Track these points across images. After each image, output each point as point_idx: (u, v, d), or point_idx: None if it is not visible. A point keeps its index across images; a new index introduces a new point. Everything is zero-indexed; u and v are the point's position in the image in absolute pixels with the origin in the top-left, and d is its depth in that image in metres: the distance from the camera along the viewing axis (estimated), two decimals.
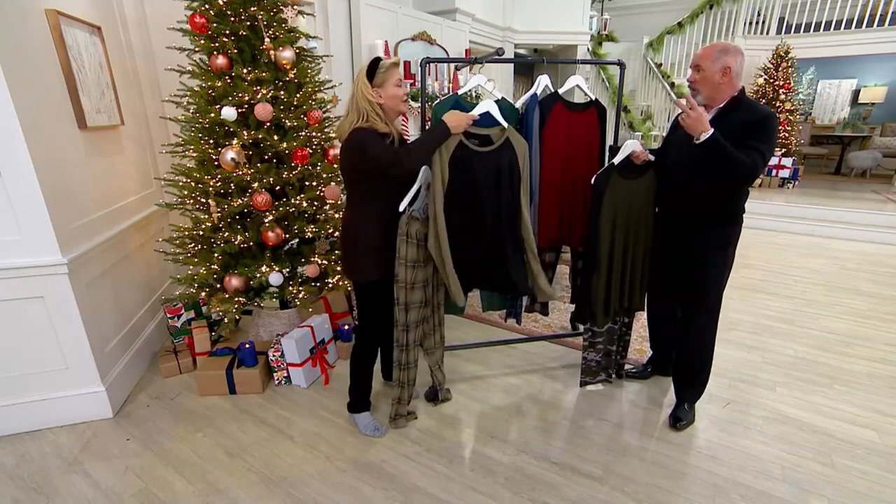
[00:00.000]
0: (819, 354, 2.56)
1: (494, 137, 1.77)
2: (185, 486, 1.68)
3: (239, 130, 2.09)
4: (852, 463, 1.78)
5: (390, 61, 1.63)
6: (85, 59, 2.05)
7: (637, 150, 1.86)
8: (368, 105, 1.60)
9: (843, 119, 8.89)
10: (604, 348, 2.17)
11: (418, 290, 1.79)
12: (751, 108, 1.69)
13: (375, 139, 1.58)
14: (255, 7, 2.08)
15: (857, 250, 4.53)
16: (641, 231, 1.98)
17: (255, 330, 2.59)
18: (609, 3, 8.36)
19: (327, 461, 1.79)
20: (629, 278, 2.04)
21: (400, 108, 1.68)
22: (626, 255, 2.00)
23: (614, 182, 1.88)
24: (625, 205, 1.92)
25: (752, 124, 1.65)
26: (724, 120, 1.69)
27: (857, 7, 6.32)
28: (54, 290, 1.81)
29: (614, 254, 1.96)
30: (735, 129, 1.63)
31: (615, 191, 1.89)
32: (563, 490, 1.65)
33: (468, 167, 1.72)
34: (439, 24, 4.76)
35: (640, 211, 1.95)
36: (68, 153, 1.92)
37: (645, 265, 2.05)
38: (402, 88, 1.65)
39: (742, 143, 1.61)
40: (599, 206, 1.90)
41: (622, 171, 1.89)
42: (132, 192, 2.47)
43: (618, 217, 1.92)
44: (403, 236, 1.70)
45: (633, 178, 1.91)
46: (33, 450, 1.85)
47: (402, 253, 1.71)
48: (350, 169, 1.65)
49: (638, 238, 1.99)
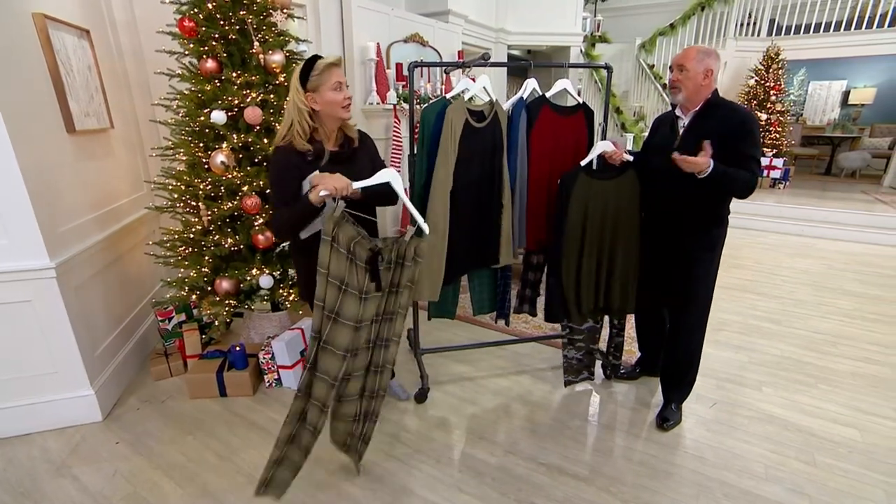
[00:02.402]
0: (805, 354, 2.60)
1: (486, 112, 1.92)
2: (175, 489, 1.68)
3: (229, 134, 2.10)
4: (834, 461, 1.81)
5: (326, 61, 1.43)
6: (73, 63, 2.05)
7: (608, 150, 1.87)
8: (297, 113, 1.43)
9: (834, 120, 8.98)
10: (585, 346, 2.19)
11: (345, 331, 1.33)
12: (729, 110, 1.73)
13: (283, 171, 1.45)
14: (244, 11, 2.08)
15: (845, 250, 4.58)
16: (622, 231, 1.98)
17: (246, 332, 2.60)
18: (602, 5, 8.40)
19: (317, 464, 1.80)
20: (605, 278, 2.04)
21: (339, 115, 1.49)
22: (602, 254, 2.00)
23: (583, 182, 1.91)
24: (598, 204, 1.94)
25: (737, 128, 1.68)
26: (703, 122, 1.74)
27: (847, 9, 6.39)
28: (42, 295, 1.81)
29: (585, 253, 1.98)
30: (715, 131, 1.67)
31: (585, 192, 1.92)
32: (550, 490, 1.67)
33: (471, 144, 1.86)
34: (431, 25, 4.76)
35: (620, 210, 1.95)
36: (56, 157, 1.92)
37: (629, 266, 2.03)
38: (341, 93, 1.45)
39: (735, 151, 1.64)
40: (565, 207, 1.92)
41: (593, 172, 1.93)
42: (122, 195, 2.47)
43: (590, 217, 1.94)
44: (328, 237, 1.29)
45: (608, 179, 1.93)
46: (21, 454, 1.84)
47: (325, 260, 1.30)
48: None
49: (616, 237, 1.98)
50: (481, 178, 1.99)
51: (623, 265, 2.03)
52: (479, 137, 1.93)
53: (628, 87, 7.12)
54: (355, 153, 1.58)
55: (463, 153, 1.88)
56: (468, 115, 1.87)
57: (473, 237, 2.05)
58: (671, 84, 1.78)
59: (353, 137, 1.58)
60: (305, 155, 1.46)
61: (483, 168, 1.98)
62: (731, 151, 1.65)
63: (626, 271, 2.04)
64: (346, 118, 1.51)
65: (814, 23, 6.45)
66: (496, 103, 1.97)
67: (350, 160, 1.55)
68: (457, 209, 1.94)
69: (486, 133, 1.95)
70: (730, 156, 1.64)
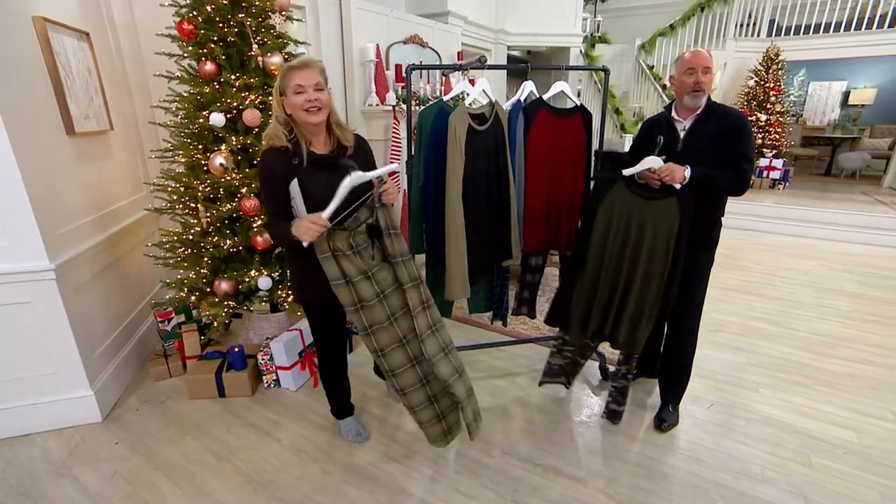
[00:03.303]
0: (803, 356, 2.60)
1: (487, 114, 1.93)
2: (173, 490, 1.69)
3: (227, 136, 2.11)
4: (830, 463, 1.81)
5: (289, 63, 1.42)
6: (73, 65, 2.06)
7: (655, 167, 1.68)
8: (274, 117, 1.45)
9: (834, 121, 8.98)
10: (572, 357, 2.09)
11: (376, 308, 1.51)
12: (724, 112, 1.76)
13: (268, 175, 1.45)
14: (243, 14, 2.09)
15: (845, 251, 4.58)
16: (646, 261, 1.74)
17: (245, 333, 2.61)
18: (602, 5, 8.40)
19: (314, 464, 1.81)
20: (617, 305, 1.82)
21: (307, 120, 1.42)
22: (619, 276, 1.80)
23: (618, 191, 1.78)
24: (624, 217, 1.77)
25: (734, 129, 1.72)
26: (704, 124, 1.76)
27: (847, 10, 6.39)
28: (42, 296, 1.82)
29: (604, 267, 1.83)
30: (714, 132, 1.72)
31: (618, 199, 1.78)
32: (546, 491, 1.68)
33: (476, 148, 1.87)
34: (431, 26, 4.77)
35: (649, 239, 1.73)
36: (56, 159, 1.93)
37: (644, 303, 1.76)
38: (302, 96, 1.39)
39: (731, 150, 1.70)
40: (595, 207, 1.81)
41: (634, 184, 1.77)
42: (122, 196, 2.48)
43: (613, 228, 1.79)
44: (327, 253, 1.42)
45: (647, 199, 1.74)
46: (21, 454, 1.86)
47: (335, 273, 1.44)
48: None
49: (636, 266, 1.76)
50: (489, 179, 2.00)
51: (638, 299, 1.78)
52: (483, 140, 1.94)
53: (628, 87, 7.12)
54: (347, 160, 1.51)
55: (469, 157, 1.89)
56: (470, 119, 1.89)
57: (490, 237, 2.08)
58: (696, 87, 1.70)
59: (347, 144, 1.54)
60: (290, 158, 1.44)
61: (489, 168, 1.99)
62: (728, 150, 1.71)
63: (640, 308, 1.78)
64: (312, 122, 1.43)
65: (814, 23, 6.45)
66: (496, 104, 1.98)
67: (336, 165, 1.48)
68: (471, 210, 1.92)
69: (489, 135, 1.96)
70: (727, 155, 1.70)
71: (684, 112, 1.80)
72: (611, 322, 1.85)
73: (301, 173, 1.45)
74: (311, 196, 1.45)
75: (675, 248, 1.71)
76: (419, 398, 1.61)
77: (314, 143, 1.51)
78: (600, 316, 1.88)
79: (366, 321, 1.50)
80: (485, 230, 2.02)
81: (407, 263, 1.55)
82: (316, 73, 1.41)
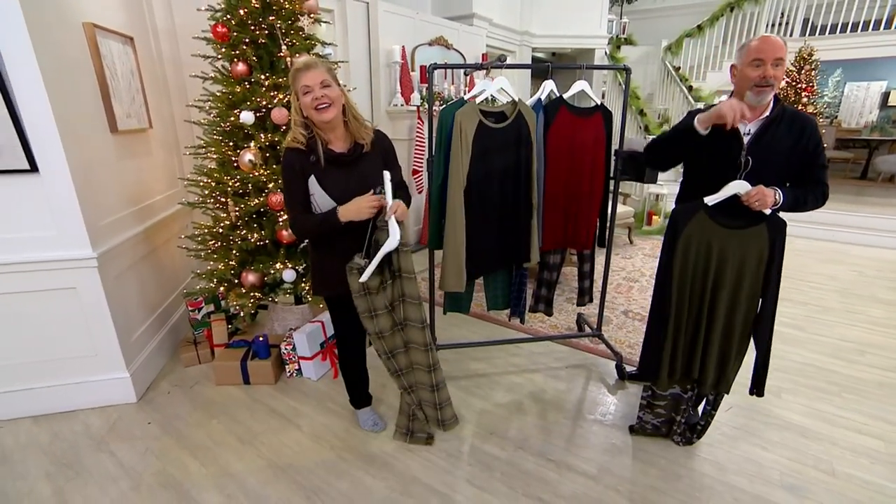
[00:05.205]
0: (829, 362, 2.53)
1: (508, 112, 1.95)
2: (199, 469, 1.79)
3: (256, 133, 2.21)
4: (854, 472, 1.77)
5: (295, 65, 1.44)
6: (118, 68, 2.19)
7: (742, 192, 1.47)
8: (293, 119, 1.51)
9: (872, 122, 8.61)
10: (665, 414, 1.87)
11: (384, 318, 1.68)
12: (793, 115, 1.52)
13: (289, 173, 1.51)
14: (273, 16, 2.19)
15: (879, 257, 4.41)
16: (738, 297, 1.59)
17: (270, 324, 2.71)
18: (629, 6, 8.29)
19: (332, 451, 1.88)
20: (702, 345, 1.67)
21: (319, 118, 1.44)
22: (702, 314, 1.64)
23: (699, 222, 1.56)
24: (703, 249, 1.57)
25: (807, 136, 1.50)
26: (775, 130, 1.50)
27: (887, 7, 6.13)
28: (85, 282, 1.95)
29: (683, 309, 1.65)
30: (787, 142, 1.50)
31: (696, 230, 1.57)
32: (558, 487, 1.70)
33: (489, 145, 1.89)
34: (456, 28, 4.83)
35: (737, 269, 1.56)
36: (100, 155, 2.06)
37: (733, 340, 1.64)
38: (310, 94, 1.41)
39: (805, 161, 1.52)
40: (673, 246, 1.59)
41: (717, 214, 1.53)
42: (158, 191, 2.62)
43: (691, 261, 1.60)
44: (362, 293, 1.57)
45: (728, 226, 1.54)
46: (66, 429, 1.99)
47: (366, 308, 1.62)
48: None
49: (717, 301, 1.60)
50: (504, 178, 2.00)
51: (724, 337, 1.65)
52: (499, 138, 1.95)
53: (653, 89, 7.01)
54: (363, 157, 1.57)
55: (478, 153, 1.92)
56: (482, 116, 1.91)
57: (501, 236, 2.08)
58: (762, 81, 1.43)
59: (363, 142, 1.56)
60: (308, 156, 1.49)
61: (505, 168, 1.99)
62: (801, 161, 1.50)
63: (727, 346, 1.66)
64: (324, 119, 1.44)
65: (851, 21, 6.21)
66: (520, 102, 1.98)
67: (355, 163, 1.55)
68: (477, 207, 1.97)
69: (509, 133, 1.96)
70: (798, 166, 1.51)
71: (753, 109, 1.50)
72: (698, 365, 1.70)
73: (319, 171, 1.51)
74: (328, 193, 1.51)
75: (765, 278, 1.56)
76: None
77: (332, 141, 1.54)
78: (685, 359, 1.72)
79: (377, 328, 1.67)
80: (493, 228, 2.04)
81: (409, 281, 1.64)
82: (320, 72, 1.43)
